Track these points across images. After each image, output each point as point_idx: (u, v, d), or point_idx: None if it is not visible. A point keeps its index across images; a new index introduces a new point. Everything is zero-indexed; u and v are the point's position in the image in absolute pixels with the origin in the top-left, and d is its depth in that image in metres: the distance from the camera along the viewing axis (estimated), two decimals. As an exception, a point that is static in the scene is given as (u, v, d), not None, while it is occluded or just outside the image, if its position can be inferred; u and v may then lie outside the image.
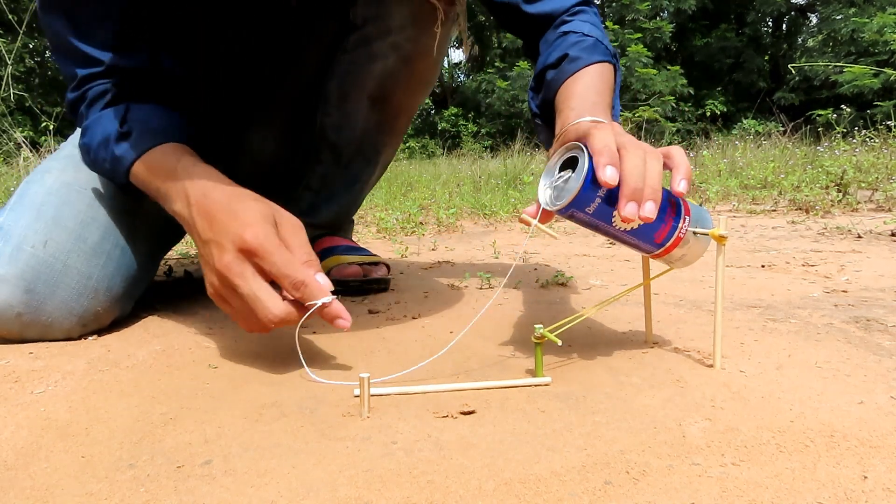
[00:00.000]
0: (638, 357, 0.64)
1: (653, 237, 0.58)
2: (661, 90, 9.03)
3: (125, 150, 0.71)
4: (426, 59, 0.93)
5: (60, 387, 0.58)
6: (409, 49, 0.91)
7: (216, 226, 0.60)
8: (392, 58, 0.91)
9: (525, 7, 0.79)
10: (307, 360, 0.61)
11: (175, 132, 0.73)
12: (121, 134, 0.72)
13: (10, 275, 0.70)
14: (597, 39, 0.74)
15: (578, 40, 0.73)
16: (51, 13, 0.73)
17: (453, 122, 11.66)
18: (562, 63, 0.72)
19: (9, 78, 2.92)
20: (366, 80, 0.93)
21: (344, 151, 1.00)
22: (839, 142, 3.55)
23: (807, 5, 11.27)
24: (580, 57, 0.71)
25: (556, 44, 0.75)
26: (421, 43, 0.90)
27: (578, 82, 0.69)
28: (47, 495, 0.40)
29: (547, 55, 0.75)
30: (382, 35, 0.90)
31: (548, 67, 0.74)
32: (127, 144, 0.71)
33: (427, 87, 1.00)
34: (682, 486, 0.39)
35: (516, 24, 0.82)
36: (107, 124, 0.73)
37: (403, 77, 0.94)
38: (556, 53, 0.73)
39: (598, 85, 0.69)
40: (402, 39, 0.90)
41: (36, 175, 0.81)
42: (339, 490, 0.40)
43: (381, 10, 0.89)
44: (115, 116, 0.73)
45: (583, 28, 0.75)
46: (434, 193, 2.91)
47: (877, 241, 1.41)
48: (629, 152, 0.54)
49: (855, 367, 0.60)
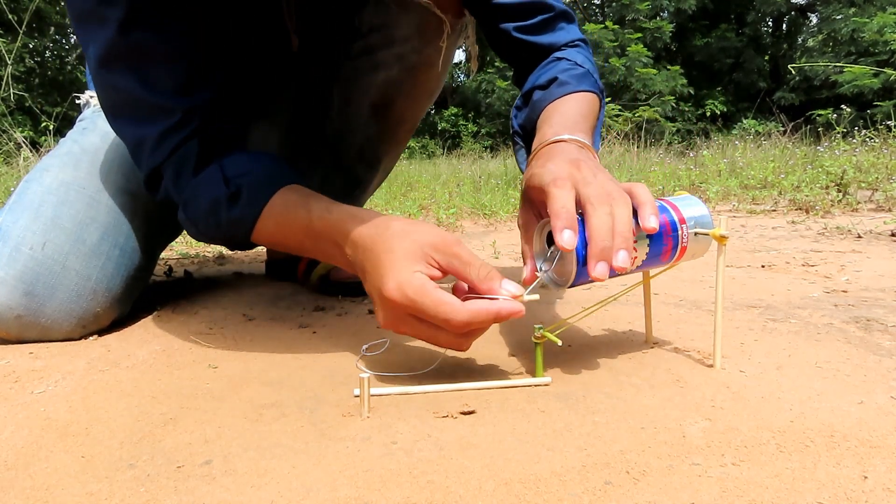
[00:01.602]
0: (638, 357, 0.64)
1: (659, 260, 0.59)
2: (661, 90, 9.02)
3: (242, 212, 0.66)
4: (430, 70, 0.92)
5: (60, 387, 0.58)
6: (414, 60, 0.90)
7: (367, 278, 0.58)
8: (396, 68, 0.90)
9: (522, 36, 0.80)
10: (308, 360, 0.61)
11: (281, 174, 0.68)
12: (231, 196, 0.66)
13: (9, 276, 0.70)
14: (588, 71, 0.75)
15: (570, 67, 0.75)
16: (115, 70, 0.66)
17: (453, 122, 11.66)
18: (551, 85, 0.74)
19: (9, 78, 2.92)
20: (368, 88, 0.93)
21: (344, 156, 1.00)
22: (839, 142, 3.55)
23: (807, 5, 11.27)
24: (569, 82, 0.73)
25: (547, 68, 0.77)
26: (425, 54, 0.89)
27: (564, 104, 0.71)
28: (47, 495, 0.40)
29: (538, 76, 0.76)
30: (387, 45, 0.89)
31: (536, 88, 0.75)
32: (241, 205, 0.66)
33: (431, 98, 0.99)
34: (682, 486, 0.39)
35: (512, 53, 0.83)
36: (210, 190, 0.67)
37: (406, 87, 0.93)
38: (546, 76, 0.75)
39: (584, 109, 0.71)
40: (407, 50, 0.89)
41: (35, 173, 0.81)
42: (339, 490, 0.40)
43: (386, 20, 0.88)
44: (215, 179, 0.67)
45: (576, 58, 0.77)
46: (434, 193, 2.91)
47: (877, 241, 1.41)
48: (594, 208, 0.53)
49: (855, 367, 0.60)
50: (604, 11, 12.08)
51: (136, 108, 0.67)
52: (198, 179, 0.68)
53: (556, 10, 0.80)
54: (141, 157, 0.69)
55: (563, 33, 0.80)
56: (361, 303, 0.93)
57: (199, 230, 0.70)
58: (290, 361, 0.65)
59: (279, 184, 0.67)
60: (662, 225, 0.57)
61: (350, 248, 0.60)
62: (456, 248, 0.56)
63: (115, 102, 0.69)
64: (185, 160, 0.68)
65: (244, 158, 0.69)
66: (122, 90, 0.67)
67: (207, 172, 0.68)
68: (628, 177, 3.32)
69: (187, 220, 0.69)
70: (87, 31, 0.65)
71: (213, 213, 0.67)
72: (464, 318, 0.52)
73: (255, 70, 0.92)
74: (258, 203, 0.66)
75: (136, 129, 0.68)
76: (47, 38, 9.44)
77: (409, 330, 0.56)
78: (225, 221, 0.67)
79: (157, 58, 0.66)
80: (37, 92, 6.74)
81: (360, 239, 0.58)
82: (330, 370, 0.62)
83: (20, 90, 4.13)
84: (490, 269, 0.55)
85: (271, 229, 0.66)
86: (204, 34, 0.70)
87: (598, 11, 12.47)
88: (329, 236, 0.62)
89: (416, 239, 0.55)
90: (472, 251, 0.56)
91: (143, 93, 0.66)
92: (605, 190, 0.54)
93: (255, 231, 0.67)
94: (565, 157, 0.59)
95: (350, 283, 0.97)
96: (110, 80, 0.67)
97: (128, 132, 0.69)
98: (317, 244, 0.64)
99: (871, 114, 4.95)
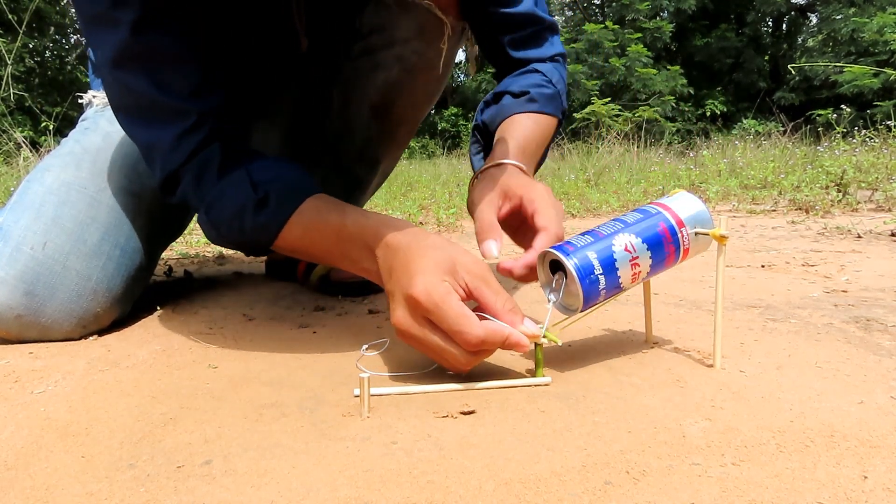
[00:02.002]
0: (638, 357, 0.64)
1: (664, 266, 0.59)
2: (661, 90, 9.03)
3: (269, 218, 0.65)
4: (430, 72, 0.92)
5: (60, 387, 0.58)
6: (414, 62, 0.90)
7: (393, 276, 0.57)
8: (395, 69, 0.90)
9: (513, 51, 0.85)
10: (308, 360, 0.61)
11: (309, 182, 0.68)
12: (259, 201, 0.65)
13: (10, 276, 0.71)
14: (558, 92, 0.82)
15: (544, 84, 0.81)
16: (128, 71, 0.65)
17: (453, 121, 11.67)
18: (521, 97, 0.80)
19: (9, 78, 2.92)
20: (368, 90, 0.93)
21: (343, 157, 1.00)
22: (839, 142, 3.55)
23: (807, 5, 11.27)
24: (538, 101, 0.80)
25: (525, 77, 0.83)
26: (426, 57, 0.89)
27: (524, 123, 0.78)
28: (47, 495, 0.40)
29: (513, 81, 0.82)
30: (387, 46, 0.89)
31: (509, 93, 0.81)
32: (269, 211, 0.65)
33: (431, 100, 0.99)
34: (682, 486, 0.39)
35: (499, 59, 0.87)
36: (236, 194, 0.66)
37: (406, 89, 0.93)
38: (520, 85, 0.81)
39: (538, 135, 0.78)
40: (407, 52, 0.89)
41: (36, 173, 0.81)
42: (339, 490, 0.40)
43: (387, 21, 0.87)
44: (242, 184, 0.66)
45: (552, 75, 0.83)
46: (434, 193, 2.91)
47: (877, 241, 1.41)
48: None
49: (855, 367, 0.60)
50: (604, 11, 12.08)
51: (149, 109, 0.67)
52: (223, 184, 0.67)
53: (545, 23, 0.85)
54: (155, 159, 0.68)
55: (549, 46, 0.85)
56: (361, 303, 0.93)
57: (221, 234, 0.69)
58: (290, 361, 0.65)
59: (308, 192, 0.66)
60: (661, 233, 0.57)
61: (382, 249, 0.59)
62: (487, 275, 0.56)
63: (127, 104, 0.68)
64: (207, 164, 0.67)
65: (270, 164, 0.69)
66: (135, 91, 0.66)
67: (234, 177, 0.67)
68: (628, 177, 3.32)
69: (209, 222, 0.68)
70: (98, 34, 0.65)
71: (238, 217, 0.66)
72: (479, 334, 0.53)
73: (260, 71, 0.92)
74: (287, 210, 0.65)
75: (149, 131, 0.67)
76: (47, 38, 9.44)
77: (419, 335, 0.55)
78: (250, 227, 0.66)
79: (169, 60, 0.66)
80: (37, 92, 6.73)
81: (395, 242, 0.58)
82: (330, 370, 0.62)
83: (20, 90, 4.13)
84: (514, 303, 0.56)
85: (297, 234, 0.65)
86: (213, 37, 0.70)
87: (598, 11, 12.47)
88: (361, 239, 0.62)
89: (452, 255, 0.56)
90: (499, 284, 0.57)
91: (156, 94, 0.65)
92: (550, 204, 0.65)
93: (280, 237, 0.66)
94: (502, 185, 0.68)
95: (350, 283, 0.97)
96: (123, 81, 0.66)
97: (141, 135, 0.68)
98: (344, 247, 0.63)
99: (871, 114, 4.96)
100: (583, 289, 0.55)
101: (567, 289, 0.57)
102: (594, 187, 2.94)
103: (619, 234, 0.57)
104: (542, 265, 0.60)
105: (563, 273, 0.57)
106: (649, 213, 0.59)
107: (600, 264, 0.55)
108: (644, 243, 0.57)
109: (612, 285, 0.56)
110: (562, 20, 13.20)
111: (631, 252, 0.56)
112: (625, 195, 2.59)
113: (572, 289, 0.56)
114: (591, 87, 8.74)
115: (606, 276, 0.55)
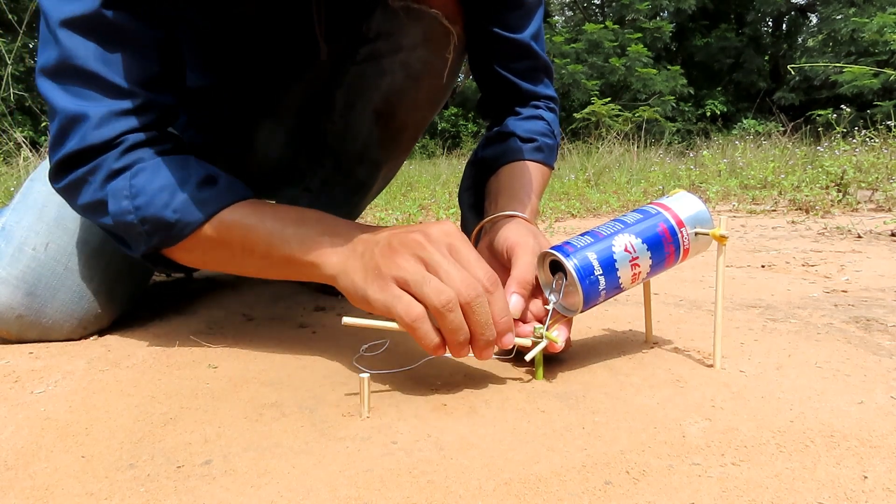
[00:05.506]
0: (638, 357, 0.64)
1: (664, 267, 0.59)
2: (661, 90, 9.02)
3: (214, 194, 0.61)
4: (435, 80, 0.91)
5: (60, 387, 0.58)
6: (419, 69, 0.90)
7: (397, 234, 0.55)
8: (400, 75, 0.90)
9: (511, 76, 0.86)
10: (308, 360, 0.61)
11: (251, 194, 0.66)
12: (207, 178, 0.62)
13: (11, 276, 0.71)
14: (557, 144, 0.88)
15: (546, 133, 0.85)
16: (80, 35, 0.60)
17: (453, 122, 11.65)
18: (528, 143, 0.83)
19: (9, 78, 2.92)
20: (372, 94, 0.93)
21: (345, 160, 1.00)
22: (839, 142, 3.55)
23: (807, 5, 11.26)
24: (543, 151, 0.84)
25: (530, 122, 0.86)
26: (431, 64, 0.89)
27: (529, 173, 0.81)
28: (47, 495, 0.40)
29: (518, 125, 0.85)
30: (393, 51, 0.89)
31: (517, 136, 0.84)
32: (217, 189, 0.62)
33: (435, 107, 0.99)
34: (682, 486, 0.39)
35: (492, 84, 0.89)
36: (178, 169, 0.61)
37: (410, 95, 0.93)
38: (526, 129, 0.84)
39: (539, 185, 0.82)
40: (413, 58, 0.88)
41: (40, 172, 0.81)
42: (339, 490, 0.40)
43: (393, 27, 0.87)
44: (189, 162, 0.63)
45: (555, 126, 0.88)
46: (434, 193, 2.91)
47: (877, 241, 1.41)
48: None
49: (855, 367, 0.60)
50: (604, 11, 12.08)
51: (87, 80, 0.60)
52: (164, 159, 0.62)
53: (541, 61, 0.87)
54: (73, 132, 0.61)
55: (543, 87, 0.88)
56: (361, 303, 0.92)
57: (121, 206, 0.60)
58: (290, 361, 0.65)
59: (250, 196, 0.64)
60: (661, 233, 0.57)
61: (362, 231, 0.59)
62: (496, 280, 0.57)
63: (62, 69, 0.60)
64: (144, 143, 0.62)
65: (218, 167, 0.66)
66: (80, 59, 0.59)
67: (179, 158, 0.63)
68: (628, 177, 3.32)
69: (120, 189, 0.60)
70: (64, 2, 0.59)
71: (170, 189, 0.60)
72: (488, 273, 0.53)
73: (272, 72, 0.92)
74: (236, 194, 0.62)
75: (77, 102, 0.61)
76: (47, 38, 9.41)
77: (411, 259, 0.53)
78: (182, 200, 0.60)
79: (130, 44, 0.61)
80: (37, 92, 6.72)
81: (375, 231, 0.59)
82: (330, 370, 0.62)
83: (20, 90, 4.12)
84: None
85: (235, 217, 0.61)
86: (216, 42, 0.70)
87: (598, 11, 12.47)
88: (330, 222, 0.62)
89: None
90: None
91: (103, 70, 0.60)
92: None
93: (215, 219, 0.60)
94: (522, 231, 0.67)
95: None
96: (69, 44, 0.59)
97: (66, 103, 0.61)
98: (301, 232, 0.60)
99: (871, 114, 4.96)
100: (583, 289, 0.55)
101: (567, 289, 0.57)
102: (594, 187, 2.94)
103: (619, 234, 0.57)
104: (543, 266, 0.60)
105: (563, 274, 0.57)
106: (649, 213, 0.59)
107: (600, 265, 0.55)
108: (644, 244, 0.57)
109: (612, 286, 0.56)
110: (562, 20, 13.19)
111: (631, 252, 0.56)
112: (625, 195, 2.60)
113: (572, 289, 0.56)
114: (591, 87, 8.75)
115: (606, 276, 0.56)
